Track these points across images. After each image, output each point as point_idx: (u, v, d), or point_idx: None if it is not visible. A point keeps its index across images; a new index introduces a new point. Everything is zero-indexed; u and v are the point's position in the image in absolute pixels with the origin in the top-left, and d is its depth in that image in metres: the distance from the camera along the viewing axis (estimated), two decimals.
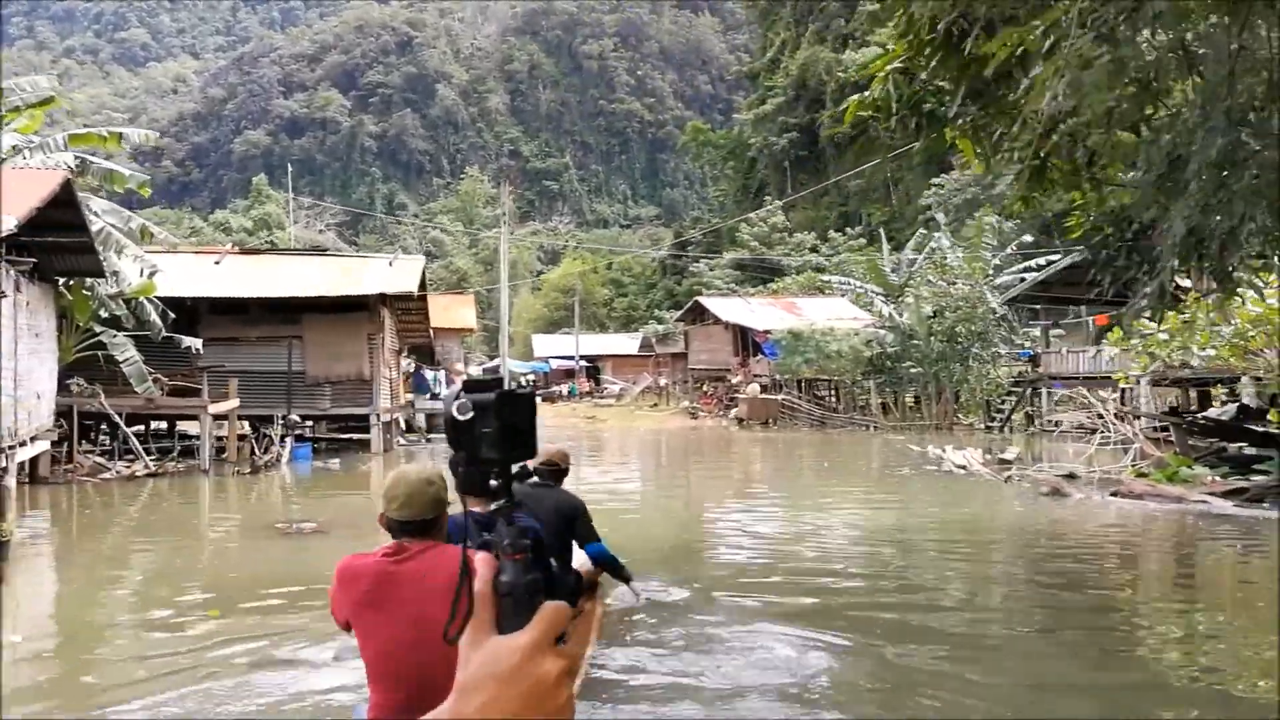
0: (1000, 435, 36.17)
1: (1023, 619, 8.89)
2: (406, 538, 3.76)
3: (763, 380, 47.30)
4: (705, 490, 21.77)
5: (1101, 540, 12.70)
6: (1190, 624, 8.66)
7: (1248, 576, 10.55)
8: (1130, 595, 10.04)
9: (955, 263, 42.81)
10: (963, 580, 10.68)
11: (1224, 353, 16.27)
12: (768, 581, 10.53)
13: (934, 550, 12.28)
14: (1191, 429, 17.55)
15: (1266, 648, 7.58)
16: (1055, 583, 10.24)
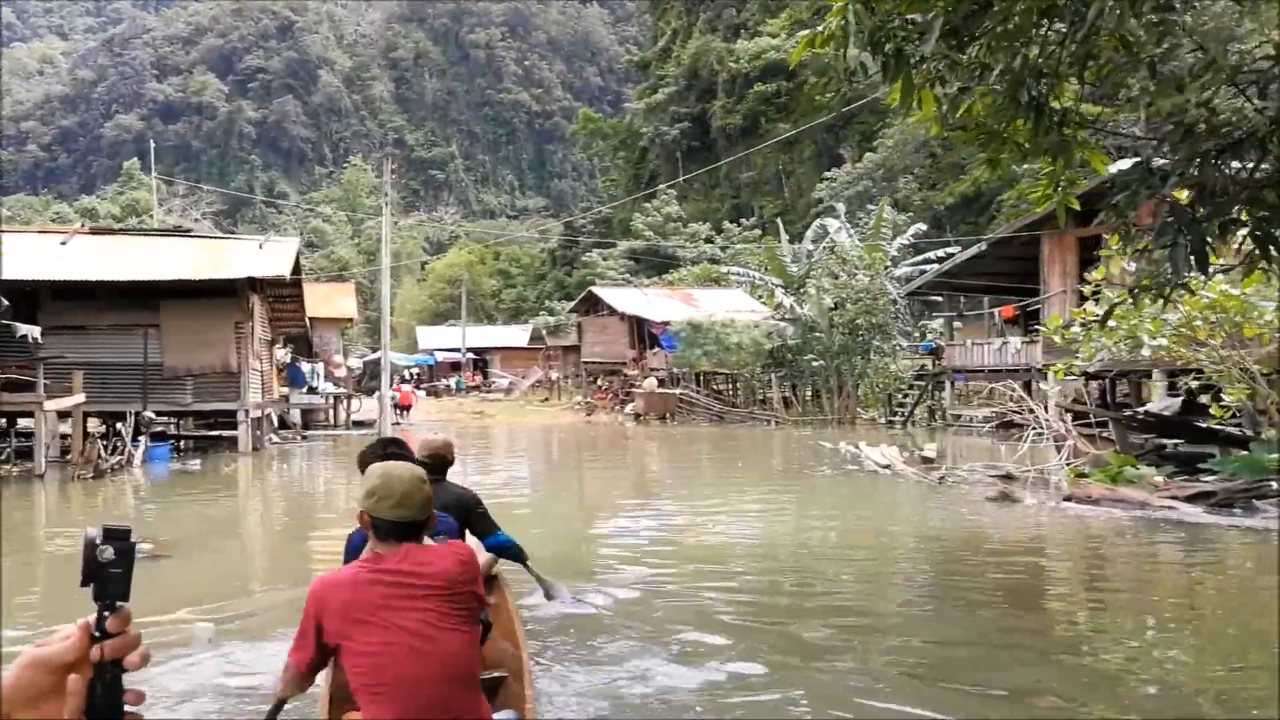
0: (903, 430, 34.99)
1: (993, 657, 7.15)
2: (397, 539, 3.60)
3: (660, 374, 45.63)
4: (609, 490, 19.78)
5: (1080, 559, 11.16)
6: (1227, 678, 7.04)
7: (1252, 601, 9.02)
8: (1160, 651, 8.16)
9: (854, 254, 41.62)
10: (925, 600, 9.04)
11: (1171, 342, 14.89)
12: (688, 590, 9.23)
13: (892, 569, 10.57)
14: (1131, 424, 16.21)
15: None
16: (1043, 620, 8.61)
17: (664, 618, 8.07)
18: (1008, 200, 56.95)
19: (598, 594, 8.61)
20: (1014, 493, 14.01)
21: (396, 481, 3.61)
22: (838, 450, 23.64)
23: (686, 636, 7.51)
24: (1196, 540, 11.39)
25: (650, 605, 8.55)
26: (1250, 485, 12.42)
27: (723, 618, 8.22)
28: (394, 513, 3.57)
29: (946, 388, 36.80)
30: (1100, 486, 13.21)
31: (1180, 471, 15.32)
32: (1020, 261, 33.20)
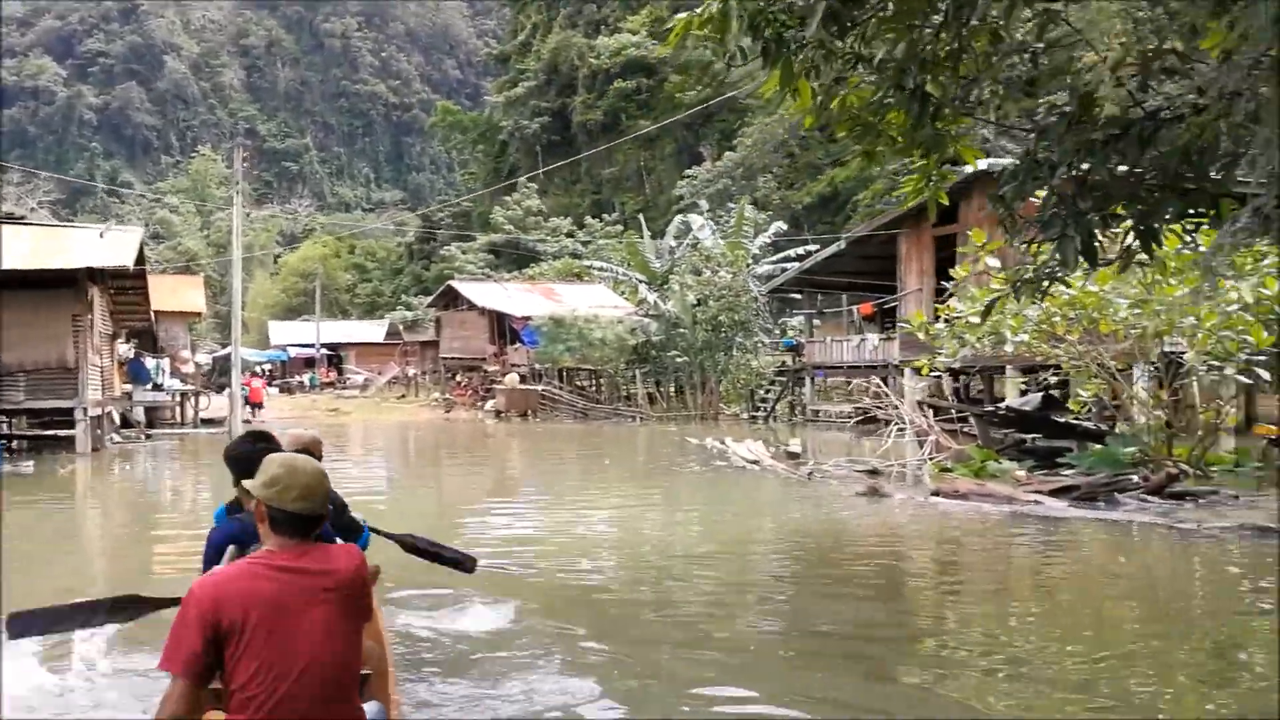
0: (765, 425, 35.23)
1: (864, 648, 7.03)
2: (294, 532, 3.47)
3: (521, 370, 45.11)
4: (469, 489, 19.21)
5: (947, 553, 11.14)
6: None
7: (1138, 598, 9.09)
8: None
9: (717, 251, 41.77)
10: (792, 595, 8.88)
11: (1032, 338, 15.12)
12: (552, 588, 8.99)
13: (762, 565, 10.39)
14: (992, 420, 16.45)
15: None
16: (904, 611, 8.56)
17: (526, 618, 7.89)
18: (863, 200, 58.00)
19: (463, 598, 8.34)
20: (882, 488, 14.01)
21: (301, 473, 3.50)
22: (704, 446, 23.54)
23: (546, 630, 7.38)
24: (1060, 534, 11.47)
25: (512, 605, 8.25)
26: (1111, 479, 12.66)
27: (585, 614, 8.09)
28: (297, 504, 3.45)
29: (807, 384, 37.20)
30: (967, 481, 13.31)
31: (1040, 466, 15.59)
32: (878, 260, 33.72)
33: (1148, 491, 12.56)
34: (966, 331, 14.83)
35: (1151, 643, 7.28)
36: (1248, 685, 6.27)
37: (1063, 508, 12.31)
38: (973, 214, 29.66)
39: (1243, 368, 13.27)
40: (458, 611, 7.92)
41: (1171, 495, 12.55)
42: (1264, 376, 13.39)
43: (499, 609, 8.00)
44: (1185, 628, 7.72)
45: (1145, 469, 14.14)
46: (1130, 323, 14.35)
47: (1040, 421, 16.47)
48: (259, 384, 43.59)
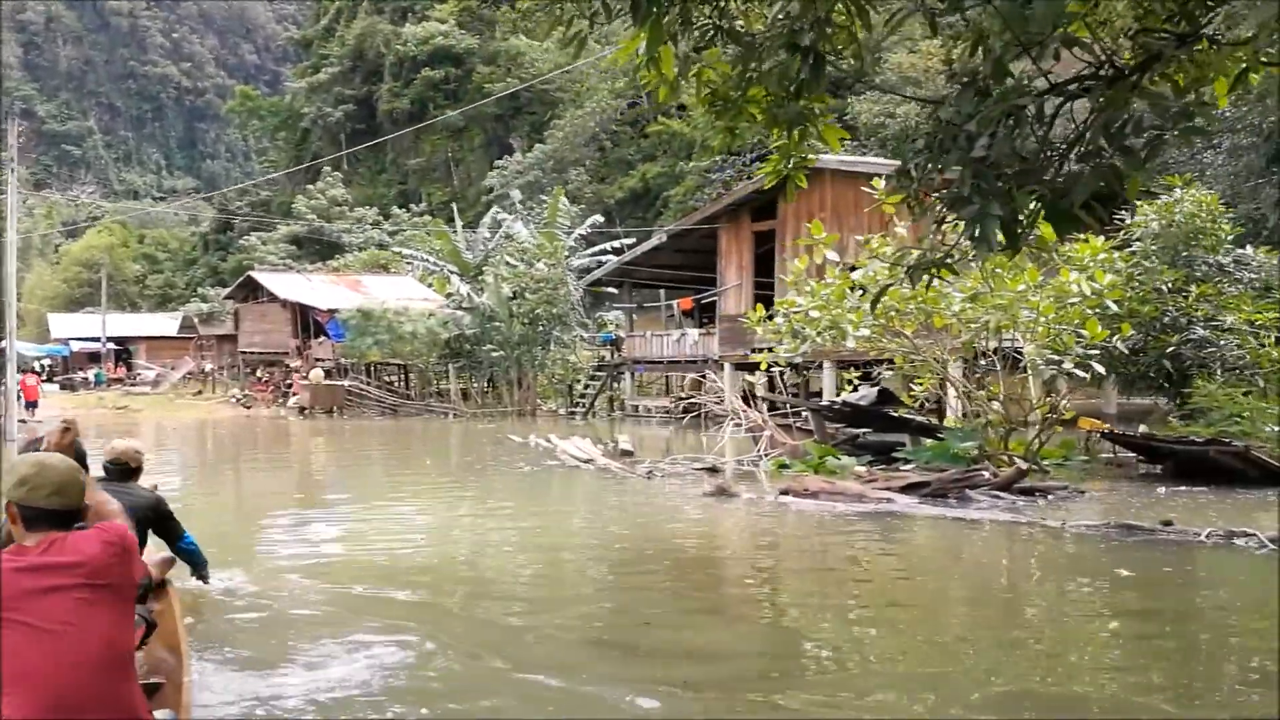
0: (585, 421, 34.56)
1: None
2: (48, 527, 3.39)
3: (326, 364, 43.20)
4: (270, 491, 17.66)
5: (799, 553, 10.55)
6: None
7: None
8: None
9: (533, 243, 40.85)
10: (637, 603, 8.14)
11: (873, 332, 14.86)
12: (364, 597, 8.25)
13: (613, 574, 9.62)
14: (828, 414, 16.13)
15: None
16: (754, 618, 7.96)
17: (334, 623, 7.50)
18: (675, 196, 58.12)
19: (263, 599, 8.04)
20: (730, 487, 13.33)
21: (52, 470, 3.44)
22: (529, 444, 22.65)
23: (357, 638, 6.99)
24: (920, 533, 11.01)
25: (317, 611, 7.87)
26: (963, 475, 12.39)
27: (400, 617, 7.60)
28: (50, 500, 3.40)
29: (627, 379, 36.71)
30: (816, 479, 12.85)
31: (878, 461, 15.35)
32: (697, 254, 33.51)
33: (995, 487, 12.34)
34: (807, 326, 14.42)
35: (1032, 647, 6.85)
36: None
37: (913, 505, 11.93)
38: (792, 209, 29.68)
39: (1079, 361, 13.25)
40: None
41: (1020, 491, 12.37)
42: (1099, 370, 13.41)
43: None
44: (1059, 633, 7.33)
45: (982, 464, 14.05)
46: (967, 316, 14.22)
47: (875, 416, 16.25)
48: (33, 381, 40.38)
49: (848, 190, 28.23)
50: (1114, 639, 7.21)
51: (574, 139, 64.87)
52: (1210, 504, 12.26)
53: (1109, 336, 13.48)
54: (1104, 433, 15.58)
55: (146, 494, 6.88)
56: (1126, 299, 14.00)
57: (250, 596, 8.14)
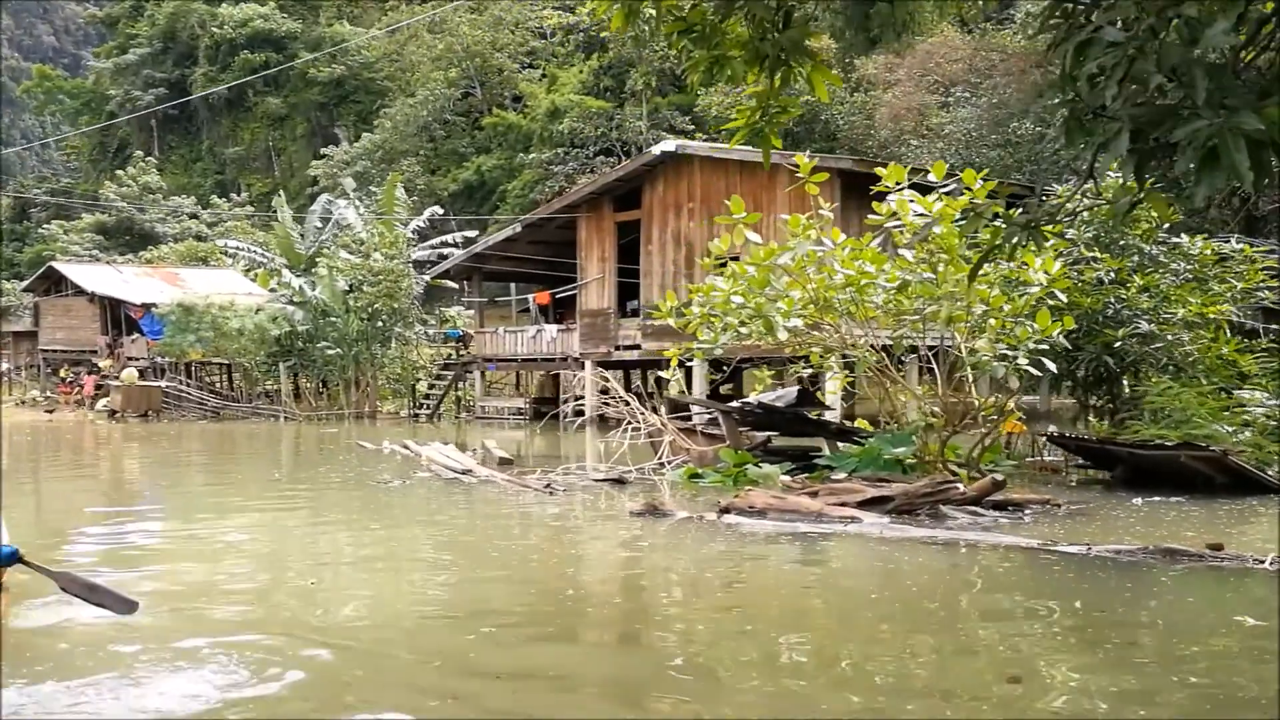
0: (432, 424, 32.29)
1: None
2: None
3: (140, 364, 39.65)
4: (75, 505, 14.92)
5: (780, 593, 8.16)
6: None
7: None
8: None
9: (370, 234, 38.19)
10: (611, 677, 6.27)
11: (807, 322, 13.24)
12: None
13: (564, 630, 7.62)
14: (743, 418, 14.48)
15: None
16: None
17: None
18: (512, 190, 56.17)
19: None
20: (663, 505, 11.42)
21: None
22: (383, 450, 20.37)
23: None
24: (898, 563, 8.58)
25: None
26: (933, 489, 10.76)
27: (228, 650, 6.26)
28: None
29: (477, 378, 34.51)
30: (762, 495, 11.08)
31: (798, 468, 13.78)
32: (554, 246, 31.66)
33: (967, 501, 10.76)
34: (729, 314, 12.69)
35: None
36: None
37: (884, 524, 10.04)
38: (657, 198, 28.11)
39: (1031, 357, 11.95)
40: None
41: (993, 505, 10.88)
42: (1051, 367, 12.12)
43: None
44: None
45: (934, 475, 12.65)
46: (903, 308, 12.80)
47: (791, 419, 14.67)
48: None
49: (717, 179, 26.86)
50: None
51: (404, 129, 62.20)
52: (1197, 517, 10.86)
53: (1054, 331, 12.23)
54: (1052, 435, 14.41)
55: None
56: (1066, 289, 12.76)
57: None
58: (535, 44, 63.26)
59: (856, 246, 12.84)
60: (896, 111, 36.72)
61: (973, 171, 11.98)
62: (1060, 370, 13.26)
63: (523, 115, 60.27)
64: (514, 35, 61.83)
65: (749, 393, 28.18)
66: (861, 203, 13.50)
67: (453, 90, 62.13)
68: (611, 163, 48.39)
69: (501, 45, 61.13)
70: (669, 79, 54.26)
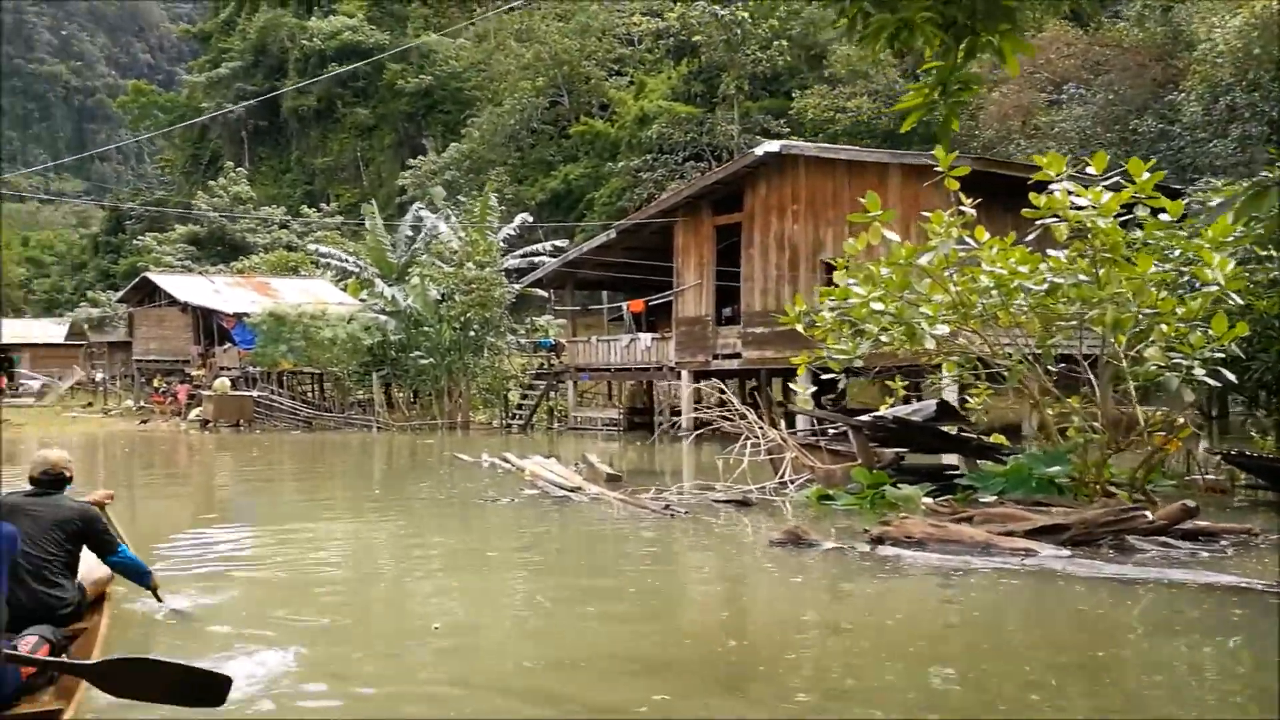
0: (525, 434, 31.55)
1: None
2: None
3: (232, 373, 39.58)
4: (169, 516, 14.44)
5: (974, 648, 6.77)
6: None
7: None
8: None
9: (462, 243, 37.67)
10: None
11: (954, 327, 12.09)
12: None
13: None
14: (876, 433, 13.33)
15: None
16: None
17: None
18: (599, 198, 55.55)
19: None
20: (806, 535, 10.22)
21: None
22: (482, 464, 19.55)
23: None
24: (1108, 609, 7.60)
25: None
26: (1117, 516, 9.53)
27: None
28: None
29: (569, 388, 33.72)
30: (920, 523, 9.91)
31: (939, 490, 12.62)
32: (648, 252, 30.75)
33: (1154, 531, 9.42)
34: (869, 321, 11.59)
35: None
36: None
37: (1065, 558, 8.65)
38: (760, 201, 27.07)
39: (1207, 366, 10.71)
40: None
41: (1182, 535, 9.60)
42: (1230, 377, 10.87)
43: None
44: None
45: (1071, 494, 11.46)
46: (1056, 311, 11.62)
47: (931, 434, 13.45)
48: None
49: (823, 180, 25.77)
50: None
51: (492, 138, 61.96)
52: None
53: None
54: (1229, 454, 13.05)
55: (75, 504, 6.47)
56: (1239, 290, 11.46)
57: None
58: (623, 51, 62.73)
59: (1003, 246, 11.72)
60: (1004, 110, 35.34)
61: (1139, 161, 10.79)
62: (1225, 381, 11.96)
63: (610, 123, 59.75)
64: (601, 42, 61.33)
65: (851, 406, 27.06)
66: (989, 204, 12.33)
67: (540, 99, 61.80)
68: (702, 168, 47.55)
69: (589, 53, 60.65)
70: (761, 82, 53.38)
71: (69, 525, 6.17)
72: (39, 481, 6.41)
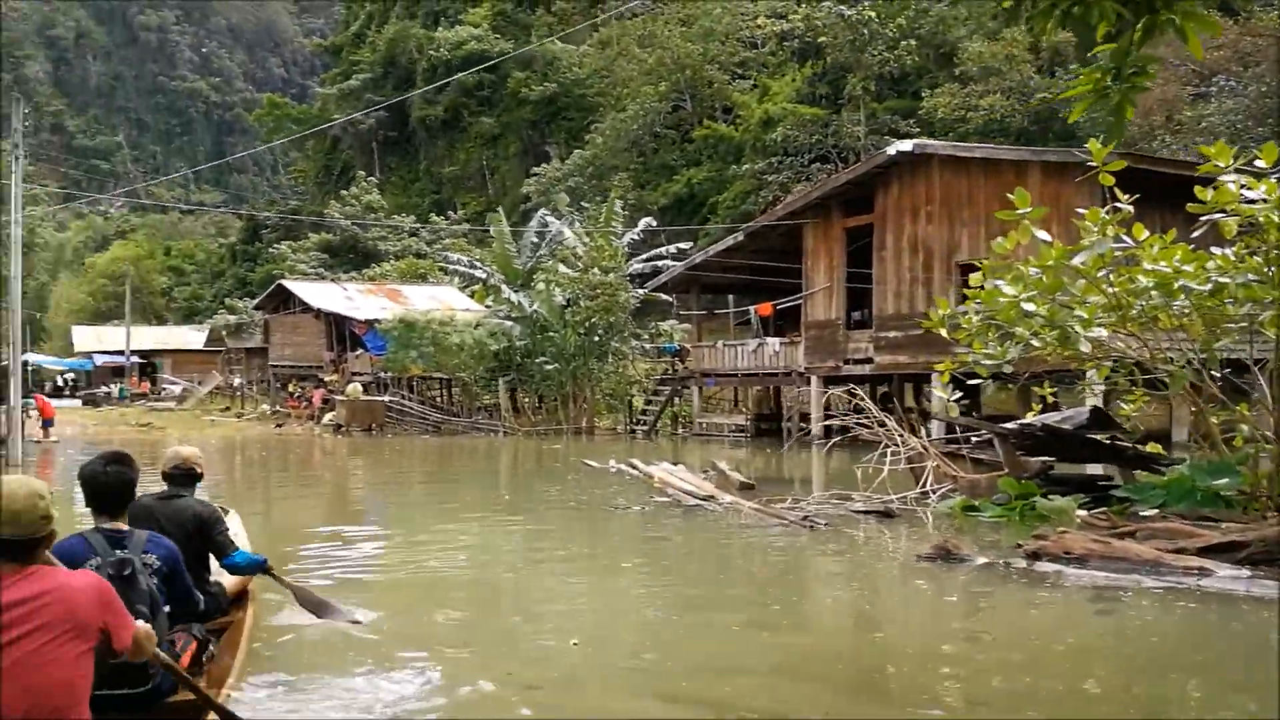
0: (649, 440, 31.34)
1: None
2: (8, 558, 3.41)
3: (363, 378, 40.22)
4: (305, 518, 14.53)
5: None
6: None
7: None
8: None
9: (587, 248, 37.69)
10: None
11: (1111, 331, 11.41)
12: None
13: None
14: (1023, 442, 12.69)
15: None
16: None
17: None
18: (723, 201, 55.16)
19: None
20: (957, 549, 9.70)
21: (8, 498, 3.45)
22: (609, 470, 19.35)
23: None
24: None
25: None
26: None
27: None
28: (2, 530, 3.39)
29: (695, 393, 33.41)
30: (1080, 538, 9.30)
31: (1092, 501, 11.96)
32: (775, 254, 30.25)
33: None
34: (1019, 324, 11.00)
35: None
36: None
37: (1245, 580, 8.06)
38: (892, 202, 26.41)
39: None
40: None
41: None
42: None
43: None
44: None
45: (1243, 508, 10.73)
46: (1223, 314, 10.90)
47: (1083, 443, 12.74)
48: (44, 398, 37.47)
49: (959, 179, 25.00)
50: None
51: (614, 144, 62.04)
52: None
53: None
54: None
55: (203, 505, 6.60)
56: None
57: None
58: (746, 54, 62.27)
59: (1164, 243, 11.03)
60: (1146, 105, 33.94)
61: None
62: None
63: (733, 126, 59.37)
64: (725, 46, 60.97)
65: (985, 411, 26.19)
66: (1141, 202, 11.58)
67: (663, 104, 61.72)
68: (828, 170, 46.84)
69: (712, 57, 60.36)
70: (887, 83, 52.44)
71: (197, 526, 6.29)
72: (171, 476, 6.54)
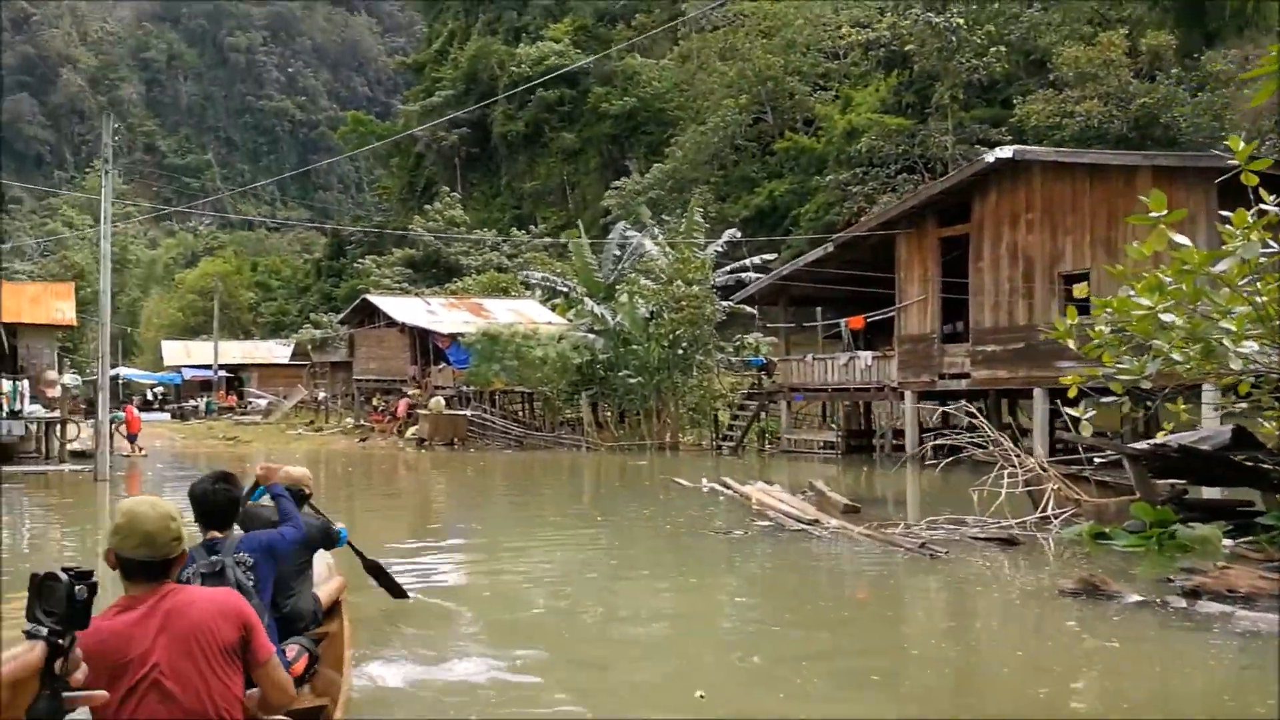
0: (736, 456, 30.64)
1: None
2: (144, 579, 3.41)
3: (446, 392, 40.07)
4: (391, 532, 14.10)
5: None
6: None
7: None
8: None
9: (669, 259, 37.16)
10: None
11: (1262, 344, 10.53)
12: None
13: None
14: (1154, 463, 11.81)
15: None
16: None
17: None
18: (805, 213, 54.41)
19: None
20: (1104, 584, 8.80)
21: (141, 520, 3.42)
22: (700, 489, 18.73)
23: None
24: None
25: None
26: None
27: None
28: (137, 552, 3.39)
29: (783, 409, 32.63)
30: (1246, 575, 8.51)
31: (1237, 530, 11.06)
32: (865, 266, 29.39)
33: None
34: (1158, 337, 10.18)
35: None
36: None
37: None
38: (990, 210, 25.49)
39: None
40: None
41: None
42: None
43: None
44: None
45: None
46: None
47: (1224, 465, 11.76)
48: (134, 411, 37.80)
49: (1061, 186, 24.03)
50: None
51: (695, 157, 61.58)
52: None
53: None
54: None
55: (320, 520, 7.07)
56: None
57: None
58: (829, 65, 61.48)
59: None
60: (1258, 109, 32.57)
61: None
62: None
63: (815, 138, 58.59)
64: (806, 57, 60.24)
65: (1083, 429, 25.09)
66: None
67: (743, 116, 61.13)
68: (915, 180, 45.86)
69: (794, 68, 59.67)
70: (976, 91, 51.29)
71: (319, 533, 6.71)
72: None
